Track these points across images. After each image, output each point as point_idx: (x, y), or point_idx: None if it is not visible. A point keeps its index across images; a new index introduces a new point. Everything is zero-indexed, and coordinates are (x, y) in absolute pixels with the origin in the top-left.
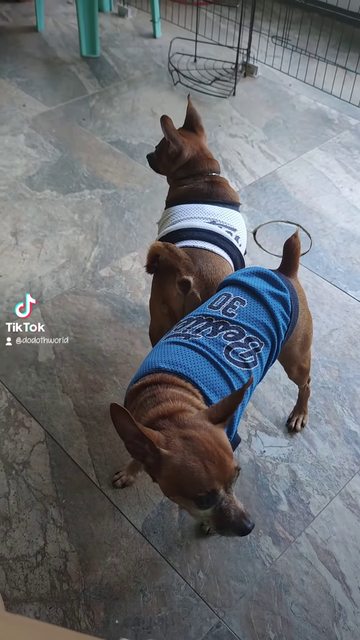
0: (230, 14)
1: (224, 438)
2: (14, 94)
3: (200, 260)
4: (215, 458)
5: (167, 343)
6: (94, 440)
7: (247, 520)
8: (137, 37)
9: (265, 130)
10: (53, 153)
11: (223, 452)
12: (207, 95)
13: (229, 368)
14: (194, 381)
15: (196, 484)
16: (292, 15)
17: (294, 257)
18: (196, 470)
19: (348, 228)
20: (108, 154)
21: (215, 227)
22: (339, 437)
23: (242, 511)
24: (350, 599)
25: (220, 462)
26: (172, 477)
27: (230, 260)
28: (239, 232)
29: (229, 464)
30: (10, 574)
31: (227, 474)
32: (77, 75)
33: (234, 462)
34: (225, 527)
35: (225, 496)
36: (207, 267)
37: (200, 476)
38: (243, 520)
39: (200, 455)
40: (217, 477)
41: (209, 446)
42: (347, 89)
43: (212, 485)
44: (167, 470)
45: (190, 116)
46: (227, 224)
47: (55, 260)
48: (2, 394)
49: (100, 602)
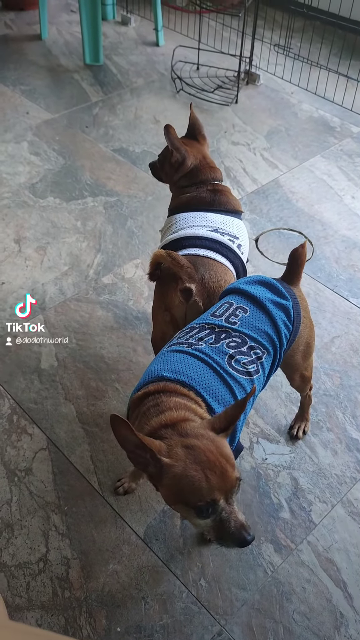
0: (232, 22)
1: (226, 448)
2: (18, 101)
3: (203, 268)
4: (217, 468)
5: (170, 351)
6: (96, 448)
7: (247, 532)
8: (140, 45)
9: (268, 138)
10: (56, 160)
11: (225, 462)
12: (210, 103)
13: (232, 377)
14: (197, 390)
15: (196, 493)
16: (294, 24)
17: (298, 267)
18: (197, 479)
19: (350, 236)
20: (111, 161)
21: (218, 235)
22: (340, 445)
23: (243, 522)
24: (352, 607)
25: (222, 472)
26: (173, 486)
27: (232, 268)
28: (241, 240)
29: (230, 474)
30: (12, 581)
31: (228, 484)
32: (80, 83)
33: (235, 472)
34: (225, 537)
35: (226, 507)
36: (209, 275)
37: (201, 485)
38: (243, 532)
39: (202, 464)
40: (217, 487)
41: (211, 456)
42: (349, 97)
43: (213, 495)
44: (168, 479)
45: (192, 125)
46: (229, 232)
47: (58, 267)
48: (4, 401)
49: (102, 609)
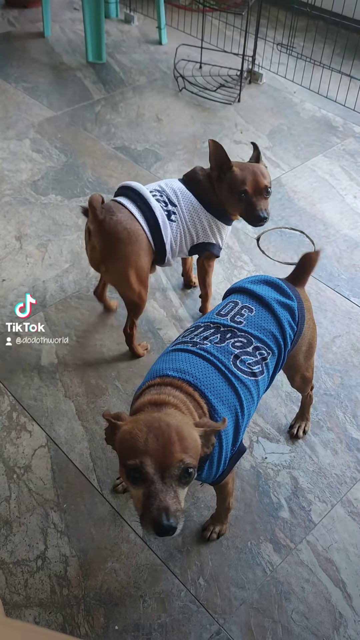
0: (235, 21)
1: (187, 432)
2: (20, 98)
3: (110, 212)
4: (163, 438)
5: (174, 350)
6: (95, 445)
7: (168, 517)
8: (142, 44)
9: (270, 137)
10: (58, 158)
11: (175, 439)
12: (212, 101)
13: (237, 377)
14: (201, 390)
15: (130, 450)
16: (298, 23)
17: (307, 272)
18: (136, 437)
19: (352, 235)
20: (113, 159)
21: (147, 191)
22: (340, 445)
23: (167, 506)
24: (351, 607)
25: (165, 444)
26: (119, 444)
27: (142, 220)
28: (178, 210)
29: (174, 451)
30: (10, 578)
31: (166, 458)
32: (82, 81)
33: (183, 456)
34: (145, 516)
35: (159, 483)
36: (111, 219)
37: (137, 444)
38: (163, 515)
39: (150, 428)
40: (153, 454)
41: (164, 426)
42: (351, 97)
43: (143, 458)
44: (119, 438)
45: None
46: (169, 198)
47: (59, 264)
48: (4, 398)
49: (100, 607)
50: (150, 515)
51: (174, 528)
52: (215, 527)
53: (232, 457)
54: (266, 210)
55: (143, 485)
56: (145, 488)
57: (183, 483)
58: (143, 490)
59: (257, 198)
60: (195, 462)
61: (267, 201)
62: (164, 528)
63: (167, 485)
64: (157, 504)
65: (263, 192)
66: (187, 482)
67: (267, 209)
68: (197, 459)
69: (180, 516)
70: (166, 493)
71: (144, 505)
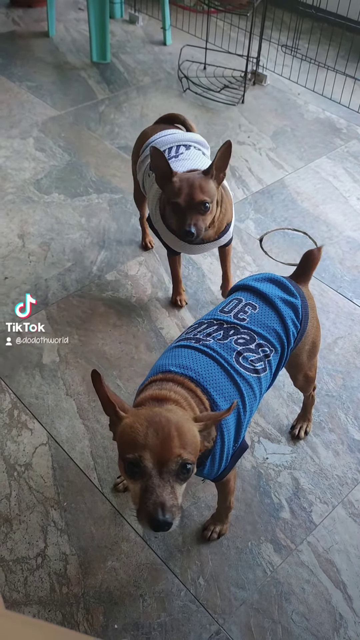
0: (240, 22)
1: (187, 428)
2: (24, 97)
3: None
4: (163, 433)
5: (177, 347)
6: (96, 444)
7: (164, 512)
8: (147, 44)
9: (274, 138)
10: (62, 157)
11: (174, 434)
12: (216, 102)
13: (239, 373)
14: (203, 386)
15: (130, 443)
16: (302, 25)
17: (309, 269)
18: (136, 431)
19: (355, 237)
20: (116, 158)
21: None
22: (342, 446)
23: (163, 501)
24: (352, 608)
25: (165, 439)
26: (120, 437)
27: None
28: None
29: (172, 446)
30: (10, 575)
31: (164, 453)
32: (87, 81)
33: (182, 451)
34: (141, 510)
35: (156, 477)
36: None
37: (137, 438)
38: (158, 510)
39: (150, 423)
40: (152, 448)
41: (164, 421)
42: (355, 99)
43: (142, 452)
44: (119, 430)
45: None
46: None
47: (61, 263)
48: (5, 396)
49: (100, 606)
50: (147, 510)
51: (170, 523)
52: (216, 527)
53: (234, 453)
54: (196, 226)
55: (141, 480)
56: (143, 482)
57: (181, 479)
58: (140, 485)
59: (189, 212)
60: (194, 458)
61: (201, 217)
62: (159, 523)
63: (164, 481)
64: (153, 499)
65: (198, 206)
66: (184, 478)
67: (197, 224)
68: (196, 455)
69: (177, 512)
70: (163, 488)
71: (141, 499)
